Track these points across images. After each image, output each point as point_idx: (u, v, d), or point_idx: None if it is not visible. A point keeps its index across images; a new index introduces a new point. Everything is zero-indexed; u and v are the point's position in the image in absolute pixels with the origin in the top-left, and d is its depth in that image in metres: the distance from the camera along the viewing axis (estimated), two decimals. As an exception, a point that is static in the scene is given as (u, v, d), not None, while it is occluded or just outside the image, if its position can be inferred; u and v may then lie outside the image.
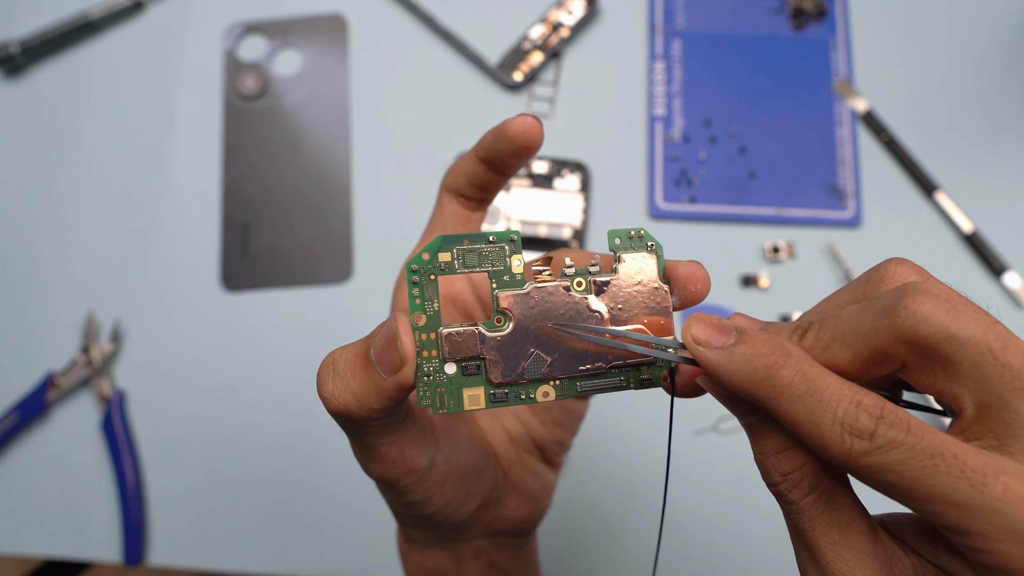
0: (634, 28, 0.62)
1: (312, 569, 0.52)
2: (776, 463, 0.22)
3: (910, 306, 0.20)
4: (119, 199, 0.59)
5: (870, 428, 0.19)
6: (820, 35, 0.61)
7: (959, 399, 0.20)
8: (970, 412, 0.20)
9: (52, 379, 0.55)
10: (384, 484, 0.27)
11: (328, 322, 0.56)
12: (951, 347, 0.19)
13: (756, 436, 0.22)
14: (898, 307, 0.20)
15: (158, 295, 0.57)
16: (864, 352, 0.21)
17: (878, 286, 0.23)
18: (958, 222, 0.56)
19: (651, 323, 0.24)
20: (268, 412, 0.55)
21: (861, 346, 0.21)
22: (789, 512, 0.22)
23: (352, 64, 0.62)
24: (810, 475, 0.21)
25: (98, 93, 0.61)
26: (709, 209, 0.57)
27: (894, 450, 0.19)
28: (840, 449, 0.20)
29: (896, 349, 0.20)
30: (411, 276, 0.24)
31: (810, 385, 0.20)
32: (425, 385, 0.23)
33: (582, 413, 0.36)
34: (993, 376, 0.19)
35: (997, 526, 0.18)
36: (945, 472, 0.18)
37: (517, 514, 0.33)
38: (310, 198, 0.59)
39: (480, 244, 0.24)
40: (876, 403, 0.20)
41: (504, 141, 0.28)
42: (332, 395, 0.23)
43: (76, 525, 0.54)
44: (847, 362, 0.21)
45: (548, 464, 0.35)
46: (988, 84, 0.59)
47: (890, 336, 0.20)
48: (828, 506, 0.21)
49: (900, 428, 0.19)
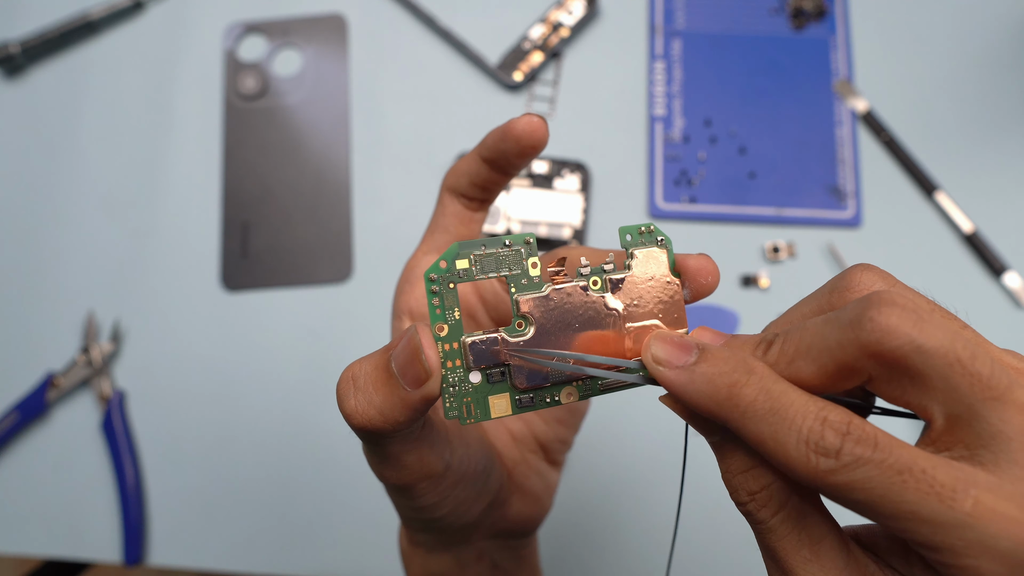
0: (634, 28, 0.62)
1: (312, 569, 0.52)
2: (743, 482, 0.21)
3: (875, 318, 0.19)
4: (119, 199, 0.59)
5: (836, 445, 0.19)
6: (820, 35, 0.61)
7: (929, 410, 0.19)
8: (940, 423, 0.19)
9: (52, 379, 0.55)
10: (398, 489, 0.27)
11: (328, 322, 0.56)
12: (918, 359, 0.19)
13: (722, 455, 0.22)
14: (863, 319, 0.19)
15: (158, 295, 0.57)
16: (829, 366, 0.20)
17: (844, 295, 0.22)
18: (958, 222, 0.56)
19: (665, 317, 0.24)
20: (268, 412, 0.55)
21: (826, 360, 0.20)
22: (759, 532, 0.21)
23: (352, 64, 0.62)
24: (778, 493, 0.21)
25: (98, 93, 0.61)
26: (709, 209, 0.57)
27: (861, 467, 0.18)
28: (806, 468, 0.19)
29: (862, 363, 0.20)
30: (430, 286, 0.23)
31: (773, 403, 0.20)
32: (451, 396, 0.23)
33: (584, 411, 0.36)
34: (963, 386, 0.19)
35: (968, 541, 0.18)
36: (914, 488, 0.18)
37: (521, 514, 0.33)
38: (310, 198, 0.59)
39: (497, 248, 0.24)
40: (842, 419, 0.19)
41: (509, 141, 0.28)
42: (356, 411, 0.23)
43: (76, 525, 0.54)
44: (812, 376, 0.20)
45: (551, 463, 0.35)
46: (988, 84, 0.59)
47: (855, 350, 0.19)
48: (798, 524, 0.21)
49: (867, 444, 0.19)
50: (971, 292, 0.55)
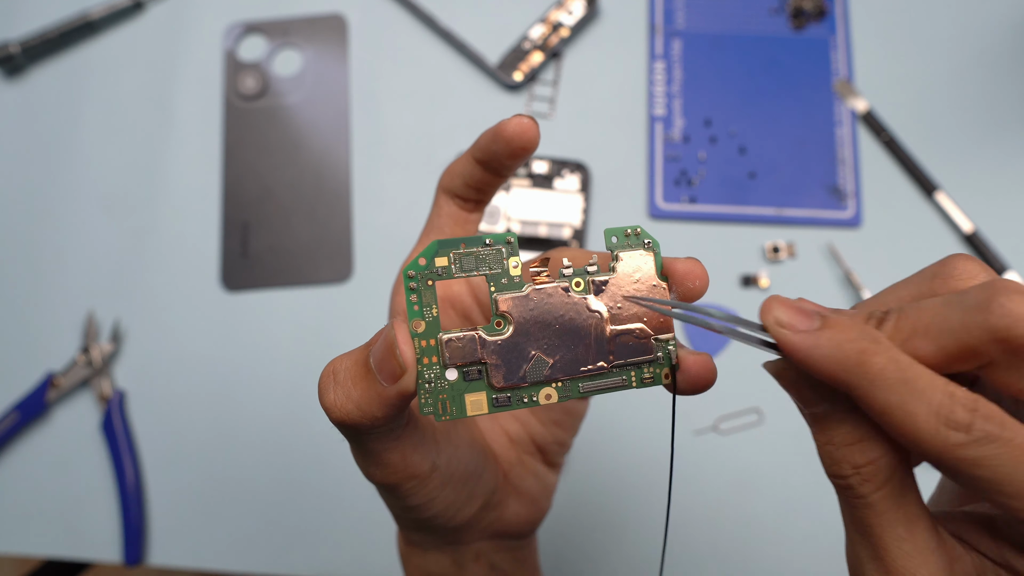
0: (634, 28, 0.62)
1: (312, 569, 0.52)
2: (848, 455, 0.21)
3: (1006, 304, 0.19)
4: (119, 199, 0.59)
5: (967, 420, 0.19)
6: (820, 35, 0.61)
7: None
8: None
9: (52, 379, 0.55)
10: (385, 488, 0.27)
11: (328, 322, 0.56)
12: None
13: (825, 426, 0.21)
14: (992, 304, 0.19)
15: (158, 295, 0.57)
16: (951, 347, 0.20)
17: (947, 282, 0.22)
18: (958, 222, 0.56)
19: (651, 320, 0.24)
20: (268, 412, 0.55)
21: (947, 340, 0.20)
22: (856, 506, 0.21)
23: (352, 64, 0.62)
24: (884, 469, 0.21)
25: (98, 93, 0.61)
26: (709, 209, 0.57)
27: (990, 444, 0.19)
28: (935, 440, 0.19)
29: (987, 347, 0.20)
30: (408, 282, 0.23)
31: (904, 373, 0.20)
32: (427, 392, 0.23)
33: (582, 413, 0.35)
34: None
35: None
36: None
37: (518, 516, 0.33)
38: (310, 198, 0.59)
39: (476, 247, 0.23)
40: (970, 396, 0.19)
41: (500, 142, 0.28)
42: (334, 405, 0.23)
43: (76, 525, 0.54)
44: (930, 355, 0.20)
45: (548, 465, 0.35)
46: (988, 84, 0.59)
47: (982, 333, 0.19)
48: (898, 502, 0.21)
49: (995, 422, 0.19)
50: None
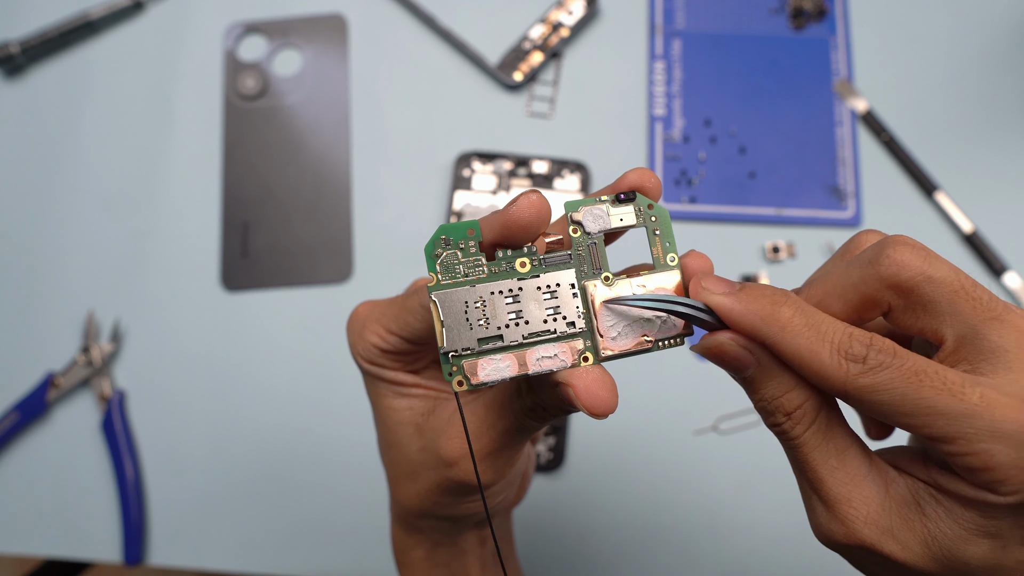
0: (634, 28, 0.62)
1: (312, 569, 0.52)
2: (779, 404, 0.24)
3: (891, 255, 0.22)
4: (119, 199, 0.59)
5: (862, 353, 0.22)
6: (820, 35, 0.61)
7: (939, 333, 0.23)
8: (949, 344, 0.22)
9: (52, 379, 0.55)
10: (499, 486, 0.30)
11: (328, 322, 0.56)
12: (929, 288, 0.22)
13: (757, 385, 0.24)
14: (880, 256, 0.23)
15: (158, 295, 0.57)
16: (854, 300, 0.24)
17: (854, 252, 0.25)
18: (958, 222, 0.56)
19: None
20: (268, 412, 0.55)
21: (851, 295, 0.23)
22: (791, 447, 0.24)
23: (352, 64, 0.62)
24: (811, 410, 0.24)
25: (98, 93, 0.61)
26: (709, 209, 0.57)
27: (884, 370, 0.21)
28: (837, 372, 0.22)
29: (882, 294, 0.23)
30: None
31: (809, 319, 0.23)
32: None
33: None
34: (966, 310, 0.22)
35: (978, 429, 0.20)
36: (929, 386, 0.21)
37: (519, 490, 0.36)
38: (310, 198, 0.59)
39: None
40: (865, 333, 0.22)
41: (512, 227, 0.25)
42: None
43: (76, 525, 0.54)
44: (840, 311, 0.24)
45: (532, 441, 0.38)
46: (988, 84, 0.59)
47: (876, 283, 0.23)
48: (826, 436, 0.24)
49: (887, 352, 0.22)
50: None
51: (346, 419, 0.54)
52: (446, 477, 0.28)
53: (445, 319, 0.24)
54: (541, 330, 0.24)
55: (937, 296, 0.22)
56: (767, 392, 0.24)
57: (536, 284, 0.24)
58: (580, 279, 0.25)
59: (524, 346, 0.24)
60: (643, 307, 0.24)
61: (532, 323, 0.24)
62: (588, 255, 0.25)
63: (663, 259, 0.26)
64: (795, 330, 0.23)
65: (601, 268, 0.25)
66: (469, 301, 0.24)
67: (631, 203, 0.26)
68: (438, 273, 0.24)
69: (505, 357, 0.24)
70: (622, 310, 0.25)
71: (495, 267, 0.24)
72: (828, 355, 0.22)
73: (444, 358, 0.24)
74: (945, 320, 0.22)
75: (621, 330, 0.25)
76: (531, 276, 0.24)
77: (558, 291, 0.24)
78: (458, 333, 0.24)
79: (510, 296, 0.24)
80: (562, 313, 0.24)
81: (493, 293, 0.24)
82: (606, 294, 0.25)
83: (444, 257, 0.24)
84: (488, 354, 0.24)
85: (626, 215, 0.26)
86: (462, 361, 0.24)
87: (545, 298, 0.24)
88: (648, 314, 0.25)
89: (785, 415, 0.24)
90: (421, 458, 0.30)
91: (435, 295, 0.24)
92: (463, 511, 0.30)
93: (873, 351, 0.22)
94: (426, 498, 0.30)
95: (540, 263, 0.25)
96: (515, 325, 0.24)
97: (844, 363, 0.22)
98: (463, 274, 0.24)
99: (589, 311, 0.25)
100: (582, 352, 0.24)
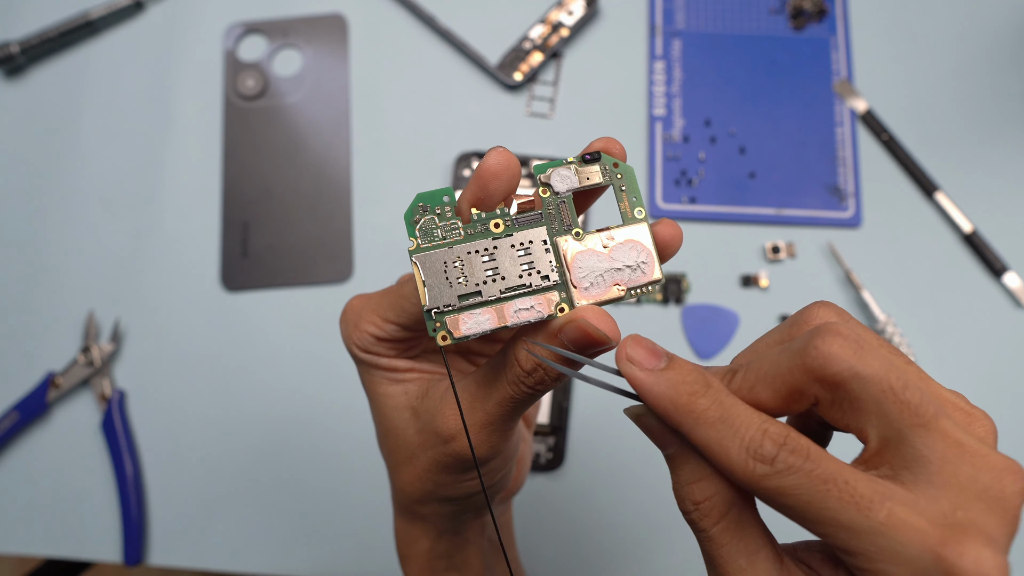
0: (634, 28, 0.62)
1: (312, 569, 0.52)
2: (690, 492, 0.23)
3: (820, 346, 0.21)
4: (119, 199, 0.59)
5: (772, 453, 0.21)
6: (820, 35, 0.61)
7: (864, 432, 0.22)
8: (873, 444, 0.21)
9: (52, 379, 0.55)
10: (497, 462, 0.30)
11: (328, 322, 0.56)
12: (856, 384, 0.21)
13: (674, 467, 0.24)
14: (809, 347, 0.21)
15: (158, 295, 0.57)
16: (783, 390, 0.22)
17: (801, 328, 0.24)
18: (958, 222, 0.56)
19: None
20: (268, 412, 0.55)
21: (779, 384, 0.22)
22: (701, 540, 0.23)
23: (352, 64, 0.62)
24: (720, 504, 0.23)
25: (98, 93, 0.61)
26: (709, 209, 0.57)
27: (792, 475, 0.21)
28: (744, 472, 0.21)
29: (809, 387, 0.22)
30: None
31: (723, 412, 0.22)
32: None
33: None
34: (893, 412, 0.21)
35: (880, 548, 0.20)
36: (836, 497, 0.20)
37: (515, 476, 0.37)
38: (310, 198, 0.59)
39: None
40: (781, 431, 0.21)
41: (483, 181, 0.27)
42: None
43: (76, 525, 0.54)
44: (769, 400, 0.23)
45: (526, 423, 0.38)
46: (988, 84, 0.59)
47: (802, 375, 0.22)
48: (736, 535, 0.23)
49: (800, 454, 0.21)
50: (971, 292, 0.55)
51: (346, 418, 0.54)
52: (444, 453, 0.29)
53: (427, 279, 0.25)
54: (517, 284, 0.25)
55: (864, 395, 0.21)
56: (680, 476, 0.24)
57: (510, 243, 0.26)
58: (552, 235, 0.26)
59: (502, 300, 0.25)
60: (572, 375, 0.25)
61: (508, 279, 0.25)
62: (558, 213, 0.26)
63: (631, 213, 0.27)
64: (708, 422, 0.22)
65: (571, 225, 0.26)
66: (448, 261, 0.25)
67: (596, 163, 0.27)
68: (418, 238, 0.26)
69: (485, 311, 0.25)
70: (588, 276, 0.26)
71: (471, 229, 0.26)
72: (736, 453, 0.22)
73: (428, 315, 0.25)
74: (871, 420, 0.21)
75: (593, 280, 0.26)
76: (505, 236, 0.26)
77: (531, 248, 0.26)
78: (439, 291, 0.25)
79: (486, 255, 0.25)
80: (536, 268, 0.25)
81: (470, 252, 0.25)
82: (577, 248, 0.26)
83: (423, 223, 0.26)
84: (469, 309, 0.25)
85: (592, 174, 0.27)
86: (444, 317, 0.25)
87: (519, 255, 0.26)
88: (611, 286, 0.26)
89: (694, 504, 0.23)
90: (419, 440, 0.30)
91: (416, 257, 0.25)
92: (464, 489, 0.30)
93: (784, 451, 0.21)
94: (427, 479, 0.30)
95: (513, 223, 0.26)
96: (492, 281, 0.25)
97: (752, 463, 0.21)
98: (441, 237, 0.26)
99: (562, 264, 0.26)
100: (558, 304, 0.26)
